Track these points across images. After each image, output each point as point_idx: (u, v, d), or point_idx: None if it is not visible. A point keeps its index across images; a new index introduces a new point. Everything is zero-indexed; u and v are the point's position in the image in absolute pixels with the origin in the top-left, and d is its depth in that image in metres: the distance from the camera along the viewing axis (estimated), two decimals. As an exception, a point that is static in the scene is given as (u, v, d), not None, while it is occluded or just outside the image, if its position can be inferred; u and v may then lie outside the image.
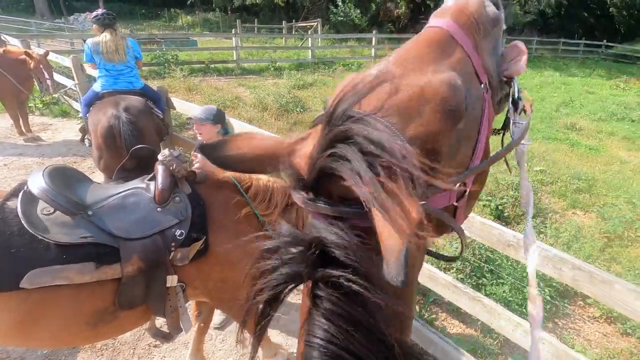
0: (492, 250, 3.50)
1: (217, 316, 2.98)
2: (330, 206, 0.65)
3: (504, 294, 3.17)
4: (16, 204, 1.65)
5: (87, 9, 26.42)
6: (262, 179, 2.14)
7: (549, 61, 20.11)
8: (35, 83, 6.01)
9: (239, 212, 2.00)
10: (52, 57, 6.55)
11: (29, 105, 6.77)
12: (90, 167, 5.37)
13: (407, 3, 23.62)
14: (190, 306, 2.56)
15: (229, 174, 2.09)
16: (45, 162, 5.55)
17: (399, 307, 0.62)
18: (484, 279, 3.36)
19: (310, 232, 0.67)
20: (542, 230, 4.18)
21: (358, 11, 22.44)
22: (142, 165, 2.22)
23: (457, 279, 3.28)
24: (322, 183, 0.66)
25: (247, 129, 3.75)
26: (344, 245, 0.61)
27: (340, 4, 22.33)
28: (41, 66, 5.81)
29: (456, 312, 3.20)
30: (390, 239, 0.53)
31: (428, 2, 23.43)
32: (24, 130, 6.27)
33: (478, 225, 2.15)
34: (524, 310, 3.10)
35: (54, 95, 7.16)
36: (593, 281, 1.73)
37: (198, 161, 2.25)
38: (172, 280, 1.82)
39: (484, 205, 4.51)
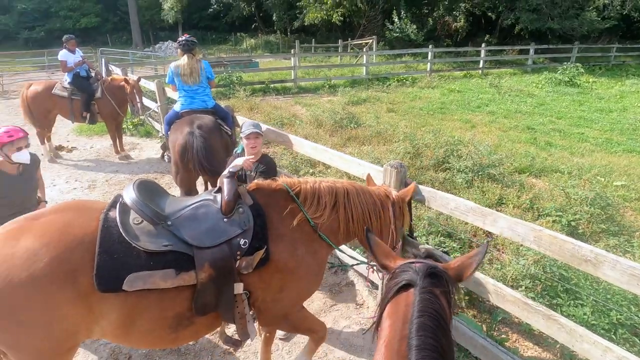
0: (567, 268, 3.20)
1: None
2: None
3: (585, 317, 2.86)
4: (115, 214, 1.84)
5: (169, 37, 29.44)
6: (309, 181, 2.21)
7: (633, 69, 18.28)
8: (129, 106, 6.82)
9: (293, 219, 2.09)
10: (141, 82, 7.29)
11: (122, 126, 7.57)
12: (167, 183, 5.82)
13: (467, 16, 23.04)
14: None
15: (281, 181, 2.19)
16: (134, 178, 6.05)
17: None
18: (558, 299, 3.06)
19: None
20: (627, 249, 3.75)
21: (414, 27, 22.25)
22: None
23: (527, 297, 3.03)
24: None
25: (299, 142, 3.84)
26: (444, 273, 1.16)
27: (396, 20, 22.33)
28: (134, 90, 6.57)
29: (528, 333, 2.95)
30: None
31: (489, 14, 22.68)
32: (119, 149, 7.04)
33: (547, 238, 1.99)
34: (613, 336, 2.76)
35: (141, 117, 8.01)
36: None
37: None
38: (238, 288, 1.92)
39: (553, 221, 4.16)
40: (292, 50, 14.73)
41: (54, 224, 1.75)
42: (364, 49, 17.25)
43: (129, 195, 1.87)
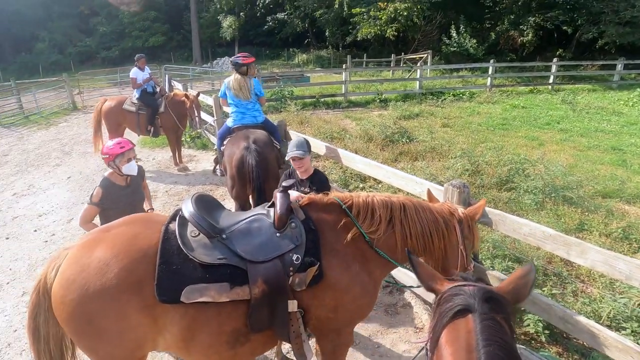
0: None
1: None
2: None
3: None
4: (175, 226, 1.89)
5: (226, 53, 30.98)
6: (361, 195, 2.13)
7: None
8: (188, 120, 7.21)
9: (346, 234, 2.01)
10: (200, 97, 7.55)
11: (182, 139, 7.92)
12: (221, 195, 5.90)
13: (536, 30, 21.77)
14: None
15: (333, 196, 2.13)
16: (191, 190, 6.34)
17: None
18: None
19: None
20: None
21: (474, 41, 21.49)
22: None
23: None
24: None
25: (350, 157, 3.63)
26: (502, 297, 1.06)
27: (454, 34, 21.70)
28: (193, 105, 6.95)
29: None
30: None
31: (564, 28, 21.23)
32: (178, 161, 7.37)
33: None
34: None
35: (198, 130, 8.48)
36: None
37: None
38: (292, 305, 1.87)
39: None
40: (344, 65, 14.75)
41: (123, 236, 1.84)
42: (419, 64, 16.82)
43: (187, 209, 1.92)
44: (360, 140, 7.83)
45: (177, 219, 1.92)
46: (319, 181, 3.00)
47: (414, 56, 21.28)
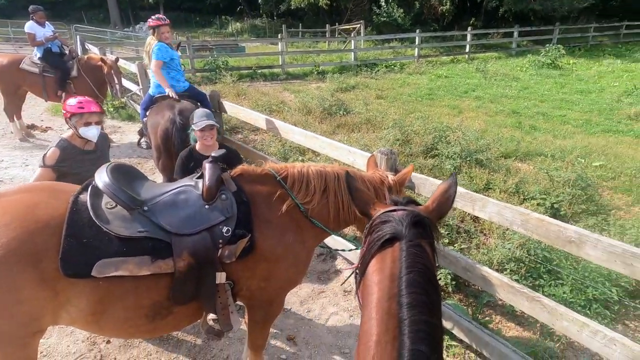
0: (550, 250, 3.33)
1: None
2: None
3: (565, 295, 3.01)
4: (86, 197, 1.77)
5: (150, 17, 28.36)
6: (296, 166, 2.13)
7: (609, 48, 18.69)
8: (108, 88, 6.60)
9: (281, 205, 2.01)
10: (121, 63, 7.11)
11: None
12: (151, 169, 5.74)
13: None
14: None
15: (268, 167, 2.12)
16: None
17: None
18: (541, 280, 3.20)
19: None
20: (604, 228, 3.91)
21: (401, 10, 22.07)
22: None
23: (512, 280, 3.16)
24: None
25: (289, 129, 3.85)
26: (428, 220, 1.12)
27: (383, 4, 22.11)
28: (112, 71, 6.36)
29: (511, 315, 3.08)
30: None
31: None
32: None
33: (534, 222, 2.07)
34: (588, 312, 2.93)
35: (122, 100, 7.79)
36: (673, 277, 1.61)
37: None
38: (221, 277, 1.85)
39: (538, 204, 4.30)
40: (279, 35, 14.55)
41: (18, 204, 1.69)
42: (352, 34, 17.11)
43: (102, 179, 1.79)
44: (299, 113, 8.01)
45: (90, 189, 1.80)
46: (233, 158, 2.90)
47: (348, 27, 21.45)
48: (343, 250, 3.19)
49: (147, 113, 4.19)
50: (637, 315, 3.06)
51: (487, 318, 3.05)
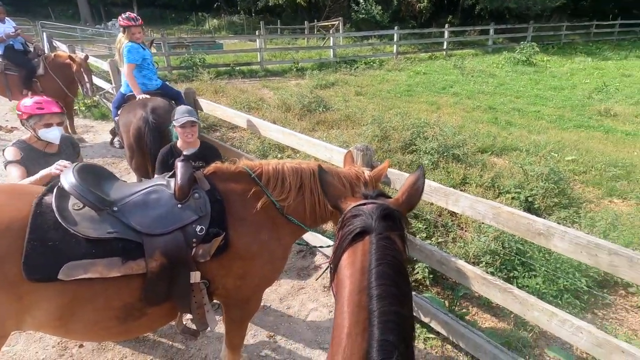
0: (523, 242, 3.41)
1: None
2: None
3: (538, 286, 3.09)
4: (52, 199, 1.72)
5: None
6: (271, 163, 2.12)
7: (580, 46, 19.27)
8: (79, 86, 6.40)
9: (256, 202, 2.00)
10: (92, 61, 6.92)
11: (74, 107, 7.14)
12: (127, 168, 5.62)
13: (430, -3, 23.22)
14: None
15: (242, 164, 2.10)
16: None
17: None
18: (515, 272, 3.27)
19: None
20: (575, 220, 4.03)
21: (379, 7, 22.21)
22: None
23: (487, 272, 3.22)
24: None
25: (266, 126, 3.81)
26: (397, 212, 1.14)
27: (361, 1, 22.19)
28: (82, 69, 6.17)
29: (487, 306, 3.15)
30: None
31: None
32: (70, 131, 6.62)
33: (505, 215, 2.11)
34: (559, 301, 3.02)
35: (94, 98, 7.57)
36: (633, 266, 1.66)
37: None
38: (195, 277, 1.83)
39: (512, 198, 4.39)
40: (257, 32, 14.45)
41: None
42: (331, 31, 17.12)
43: (68, 180, 1.74)
44: (279, 110, 7.96)
45: (55, 190, 1.75)
46: (212, 155, 2.86)
47: (327, 23, 21.49)
48: (321, 247, 3.19)
49: (119, 112, 4.08)
50: (605, 304, 3.17)
51: (463, 310, 3.10)
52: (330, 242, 3.13)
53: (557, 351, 2.50)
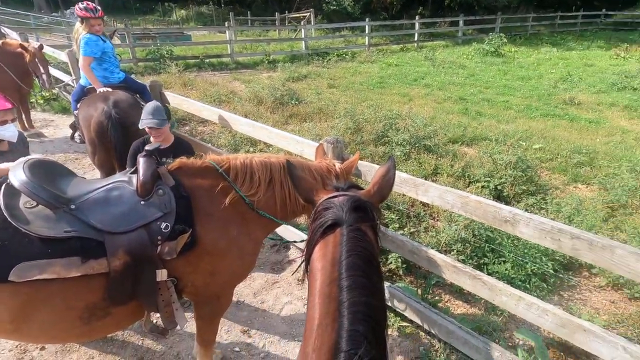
0: (492, 230, 3.49)
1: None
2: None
3: (507, 272, 3.17)
4: None
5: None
6: (239, 157, 2.09)
7: (546, 37, 19.86)
8: (35, 78, 6.02)
9: (224, 198, 1.96)
10: (49, 51, 6.54)
11: (31, 101, 6.75)
12: (91, 164, 5.34)
13: (400, -12, 23.40)
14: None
15: (209, 159, 2.05)
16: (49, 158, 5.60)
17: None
18: (485, 259, 3.35)
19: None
20: (542, 206, 4.15)
21: (351, -1, 22.22)
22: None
23: (458, 260, 3.28)
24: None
25: (236, 120, 3.73)
26: (368, 203, 1.13)
27: (333, -8, 22.13)
28: (36, 60, 5.80)
29: (459, 293, 3.20)
30: None
31: None
32: (26, 125, 6.27)
33: (473, 204, 2.14)
34: (528, 285, 3.11)
35: (52, 91, 7.18)
36: (593, 248, 1.72)
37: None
38: (162, 275, 1.80)
39: (482, 187, 4.48)
40: (227, 23, 14.13)
41: None
42: (302, 23, 16.96)
43: (18, 177, 1.65)
44: (250, 103, 7.83)
45: (3, 188, 1.67)
46: (184, 152, 2.78)
47: (298, 15, 21.30)
48: (295, 241, 3.17)
49: (79, 105, 3.89)
50: (571, 286, 3.28)
51: (436, 297, 3.14)
52: (304, 236, 3.10)
53: (525, 333, 2.57)
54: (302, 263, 1.18)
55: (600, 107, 8.49)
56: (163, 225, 1.79)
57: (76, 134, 4.61)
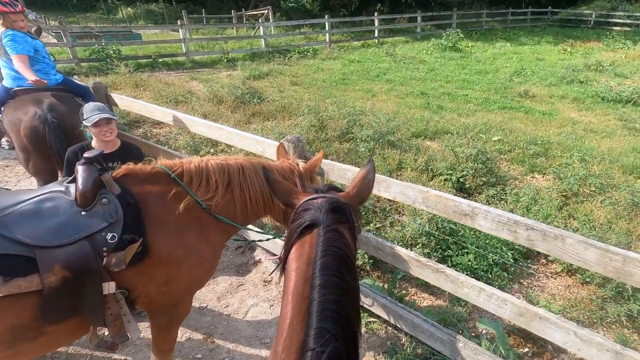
0: (455, 223, 3.54)
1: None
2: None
3: (470, 263, 3.22)
4: None
5: None
6: (194, 160, 2.01)
7: (500, 32, 20.67)
8: None
9: (178, 204, 1.88)
10: None
11: None
12: (25, 173, 5.00)
13: (359, -15, 23.60)
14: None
15: (159, 164, 1.97)
16: None
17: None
18: (449, 251, 3.39)
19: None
20: (502, 197, 4.27)
21: (310, -4, 22.15)
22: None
23: (423, 253, 3.30)
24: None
25: (191, 120, 3.57)
26: (346, 205, 1.14)
27: (290, -11, 21.96)
28: None
29: (425, 286, 3.22)
30: None
31: None
32: None
33: (434, 198, 2.13)
34: (490, 275, 3.17)
35: None
36: (546, 239, 1.77)
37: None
38: (109, 287, 1.70)
39: (445, 180, 4.56)
40: (179, 21, 13.70)
41: None
42: (260, 20, 16.70)
43: None
44: (210, 103, 7.60)
45: None
46: (133, 156, 2.63)
47: (255, 12, 21.00)
48: (260, 240, 3.08)
49: (3, 109, 3.56)
50: (529, 274, 3.38)
51: (403, 292, 3.15)
52: (268, 236, 3.03)
53: (487, 323, 2.63)
54: (278, 266, 1.18)
55: (552, 99, 8.90)
56: (109, 235, 1.69)
57: (3, 140, 4.25)
